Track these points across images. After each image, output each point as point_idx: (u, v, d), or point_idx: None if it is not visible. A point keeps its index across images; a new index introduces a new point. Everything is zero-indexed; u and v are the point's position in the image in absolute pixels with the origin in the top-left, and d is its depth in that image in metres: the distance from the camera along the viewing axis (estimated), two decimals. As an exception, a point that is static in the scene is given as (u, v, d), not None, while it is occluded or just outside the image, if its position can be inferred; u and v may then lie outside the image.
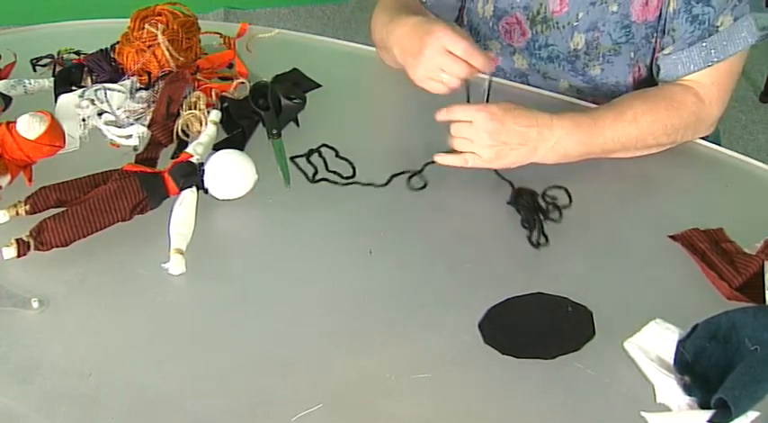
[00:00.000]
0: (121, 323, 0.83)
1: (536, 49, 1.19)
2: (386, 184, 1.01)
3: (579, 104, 1.19)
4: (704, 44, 1.05)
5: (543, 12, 1.15)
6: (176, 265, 0.87)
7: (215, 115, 1.06)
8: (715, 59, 1.05)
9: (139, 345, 0.81)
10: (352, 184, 1.01)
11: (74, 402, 0.74)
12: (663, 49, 1.10)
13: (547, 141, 0.98)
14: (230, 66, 1.24)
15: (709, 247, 0.91)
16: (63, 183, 0.94)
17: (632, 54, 1.14)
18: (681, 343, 0.80)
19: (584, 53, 1.16)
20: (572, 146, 1.00)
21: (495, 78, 1.25)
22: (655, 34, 1.12)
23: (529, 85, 1.24)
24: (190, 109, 1.07)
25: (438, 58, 0.97)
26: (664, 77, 1.10)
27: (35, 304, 0.83)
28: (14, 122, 0.98)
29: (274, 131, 1.06)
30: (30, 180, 0.99)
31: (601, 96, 1.20)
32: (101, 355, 0.79)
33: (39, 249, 0.88)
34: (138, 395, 0.76)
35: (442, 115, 0.99)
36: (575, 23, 1.13)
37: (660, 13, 1.09)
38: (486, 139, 0.96)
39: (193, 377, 0.78)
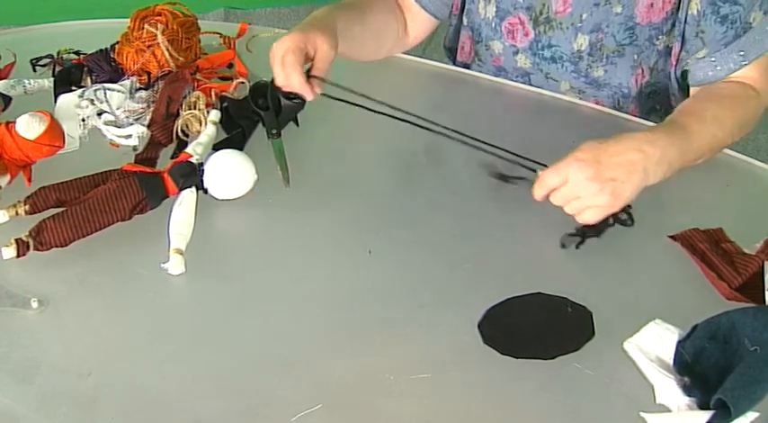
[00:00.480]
0: (121, 323, 0.83)
1: (539, 49, 1.18)
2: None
3: (581, 104, 1.19)
4: (740, 43, 1.04)
5: (546, 12, 1.14)
6: (176, 265, 0.87)
7: (214, 115, 1.06)
8: (753, 56, 1.04)
9: (139, 345, 0.81)
10: None
11: (74, 402, 0.74)
12: (686, 52, 1.09)
13: (652, 158, 0.90)
14: (230, 66, 1.24)
15: (708, 248, 0.91)
16: (62, 183, 0.94)
17: (635, 56, 1.14)
18: (680, 343, 0.80)
19: (587, 54, 1.15)
20: (675, 156, 0.93)
21: (496, 78, 1.25)
22: (660, 36, 1.11)
23: (531, 84, 1.24)
24: (189, 109, 1.07)
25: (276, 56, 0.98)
26: (701, 81, 1.09)
27: (34, 304, 0.83)
28: (14, 122, 0.98)
29: (274, 131, 1.06)
30: (29, 180, 0.99)
31: (603, 97, 1.20)
32: (101, 355, 0.79)
33: (38, 249, 0.88)
34: (138, 395, 0.76)
35: (537, 193, 0.91)
36: (578, 24, 1.13)
37: (669, 15, 1.09)
38: (593, 186, 0.87)
39: (193, 377, 0.78)
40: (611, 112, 1.18)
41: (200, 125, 1.05)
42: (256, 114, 1.09)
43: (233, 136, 1.08)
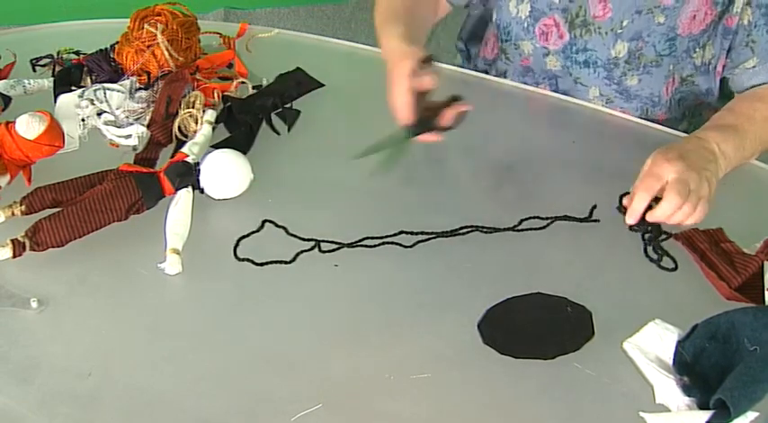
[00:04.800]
0: (121, 323, 0.83)
1: (573, 52, 1.17)
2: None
3: (603, 111, 1.18)
4: None
5: (583, 15, 1.13)
6: (172, 265, 0.87)
7: (210, 115, 1.06)
8: None
9: (139, 344, 0.81)
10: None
11: (74, 402, 0.74)
12: (731, 60, 1.12)
13: (712, 152, 0.95)
14: (230, 66, 1.24)
15: (708, 247, 0.91)
16: (59, 183, 0.94)
17: (671, 67, 1.14)
18: (680, 343, 0.80)
19: (624, 62, 1.15)
20: (731, 151, 0.97)
21: (499, 79, 1.25)
22: (697, 49, 1.12)
23: (558, 88, 1.22)
24: (187, 108, 1.07)
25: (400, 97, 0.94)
26: (748, 88, 1.12)
27: (34, 304, 0.83)
28: (14, 122, 0.98)
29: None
30: (29, 180, 0.99)
31: (630, 109, 1.19)
32: (100, 355, 0.79)
33: (34, 250, 0.88)
34: (138, 395, 0.76)
35: (638, 204, 0.90)
36: (618, 31, 1.12)
37: (707, 27, 1.10)
38: (695, 175, 0.89)
39: (193, 377, 0.78)
40: (637, 121, 1.18)
41: (197, 125, 1.05)
42: (263, 113, 1.07)
43: (235, 135, 1.08)
